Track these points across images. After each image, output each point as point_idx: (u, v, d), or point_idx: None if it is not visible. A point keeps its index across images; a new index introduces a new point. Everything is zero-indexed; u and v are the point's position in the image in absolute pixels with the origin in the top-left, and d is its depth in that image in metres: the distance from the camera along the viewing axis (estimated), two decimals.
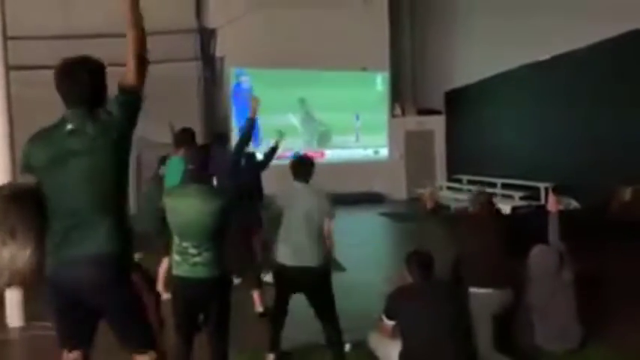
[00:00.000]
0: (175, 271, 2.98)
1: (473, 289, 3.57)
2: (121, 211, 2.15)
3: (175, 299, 3.02)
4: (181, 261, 2.93)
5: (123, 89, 2.11)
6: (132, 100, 2.13)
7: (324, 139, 13.38)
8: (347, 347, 3.61)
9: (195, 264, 2.90)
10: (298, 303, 3.54)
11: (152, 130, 10.51)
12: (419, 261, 3.23)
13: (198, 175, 3.04)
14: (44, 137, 2.10)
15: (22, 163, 2.13)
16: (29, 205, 2.06)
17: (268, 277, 5.46)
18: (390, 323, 3.17)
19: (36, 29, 9.22)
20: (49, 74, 2.16)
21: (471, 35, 12.38)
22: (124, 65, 2.12)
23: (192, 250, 2.90)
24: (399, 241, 8.79)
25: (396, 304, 3.18)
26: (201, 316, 3.04)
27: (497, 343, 3.49)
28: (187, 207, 2.92)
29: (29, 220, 2.04)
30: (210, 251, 2.91)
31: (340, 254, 5.23)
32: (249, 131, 4.07)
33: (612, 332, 3.88)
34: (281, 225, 3.54)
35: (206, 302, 2.96)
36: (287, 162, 3.71)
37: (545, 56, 9.40)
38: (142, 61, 2.12)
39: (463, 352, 3.08)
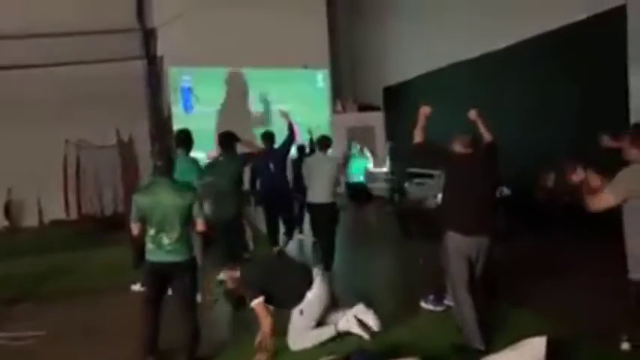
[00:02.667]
0: (150, 257, 3.31)
1: (450, 232, 3.55)
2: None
3: (149, 277, 3.40)
4: (155, 249, 3.26)
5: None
6: None
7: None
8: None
9: (169, 251, 3.26)
10: None
11: (90, 133, 10.30)
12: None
13: (166, 170, 3.34)
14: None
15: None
16: None
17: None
18: (261, 299, 3.50)
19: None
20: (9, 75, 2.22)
21: (407, 32, 12.85)
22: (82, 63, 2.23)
23: (166, 240, 3.22)
24: (341, 227, 9.10)
25: (256, 279, 3.63)
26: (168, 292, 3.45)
27: (469, 285, 3.54)
28: (163, 201, 3.21)
29: None
30: (182, 239, 3.29)
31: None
32: (292, 134, 6.40)
33: (537, 300, 4.34)
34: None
35: (177, 279, 3.34)
36: None
37: (475, 54, 9.99)
38: None
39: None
